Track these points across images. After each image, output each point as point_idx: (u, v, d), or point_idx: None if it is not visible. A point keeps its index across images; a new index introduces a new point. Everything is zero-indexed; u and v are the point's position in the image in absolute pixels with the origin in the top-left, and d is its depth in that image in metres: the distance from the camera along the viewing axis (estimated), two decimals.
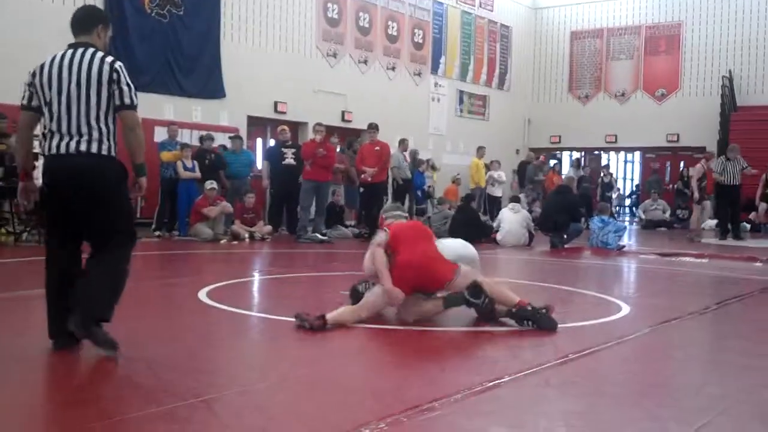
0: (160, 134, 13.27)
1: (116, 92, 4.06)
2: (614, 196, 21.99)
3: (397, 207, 6.12)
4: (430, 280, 5.29)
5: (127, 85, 4.09)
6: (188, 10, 14.44)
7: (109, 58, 4.11)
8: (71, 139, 4.05)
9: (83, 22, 4.26)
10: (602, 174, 21.50)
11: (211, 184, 12.06)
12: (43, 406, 3.38)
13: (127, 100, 4.09)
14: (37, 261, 4.68)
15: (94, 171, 4.07)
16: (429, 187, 17.62)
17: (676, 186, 20.78)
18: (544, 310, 5.10)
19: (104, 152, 4.08)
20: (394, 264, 5.25)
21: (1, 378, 3.70)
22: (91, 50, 4.12)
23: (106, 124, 4.08)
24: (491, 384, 3.74)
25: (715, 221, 19.26)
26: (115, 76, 4.06)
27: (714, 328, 6.03)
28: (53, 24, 12.22)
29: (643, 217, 19.44)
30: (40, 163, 10.12)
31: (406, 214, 6.04)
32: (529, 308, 5.08)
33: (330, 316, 4.92)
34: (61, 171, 4.07)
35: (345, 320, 5.02)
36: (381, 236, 5.49)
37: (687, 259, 11.12)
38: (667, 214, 19.28)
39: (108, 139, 4.09)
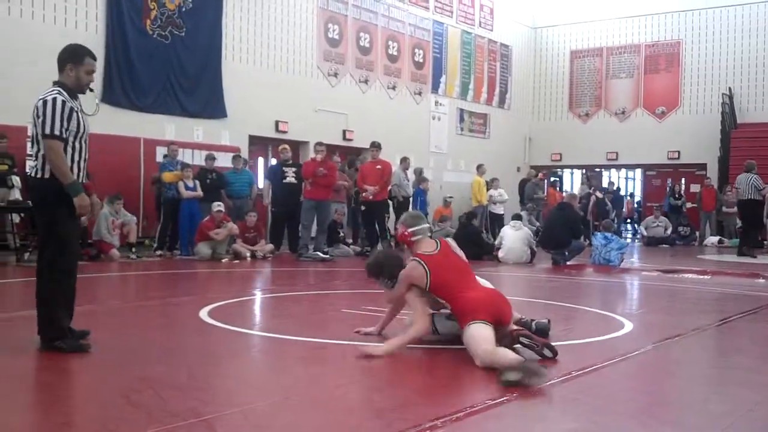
0: (162, 154, 13.32)
1: (39, 124, 4.60)
2: (615, 213, 21.95)
3: (420, 218, 5.30)
4: (504, 310, 4.79)
5: (44, 116, 4.55)
6: (190, 31, 14.53)
7: (44, 95, 4.64)
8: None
9: (58, 62, 4.86)
10: (604, 193, 21.54)
11: (218, 207, 12.08)
12: (43, 427, 3.36)
13: (43, 130, 4.57)
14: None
15: (31, 191, 4.90)
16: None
17: (668, 203, 20.80)
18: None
19: (38, 175, 4.67)
20: (466, 301, 4.71)
21: (1, 398, 3.68)
22: (51, 91, 4.67)
23: (39, 151, 4.67)
24: (494, 402, 3.72)
25: (716, 238, 19.29)
26: (37, 112, 4.60)
27: (717, 345, 6.01)
28: (53, 45, 12.33)
29: (645, 233, 19.42)
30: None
31: (429, 226, 5.32)
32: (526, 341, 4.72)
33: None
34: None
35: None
36: (414, 273, 4.91)
37: (689, 275, 11.10)
38: (668, 231, 19.26)
39: (41, 164, 4.65)
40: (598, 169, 24.75)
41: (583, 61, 23.90)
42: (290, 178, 13.08)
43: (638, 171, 25.34)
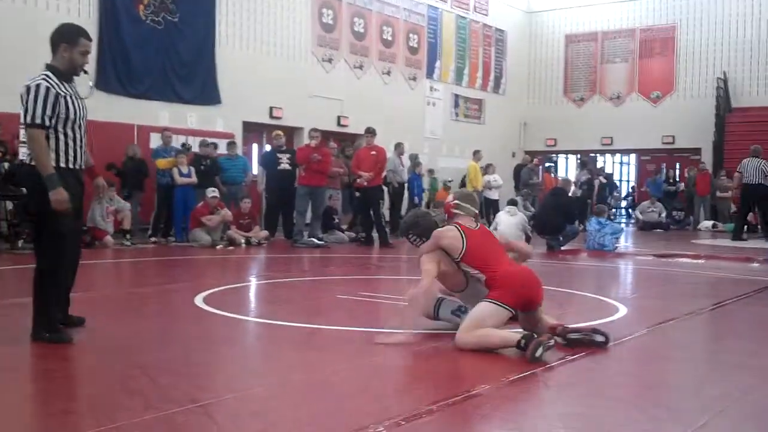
0: (156, 140, 13.27)
1: (21, 112, 4.51)
2: (612, 198, 21.98)
3: (472, 198, 5.24)
4: (534, 292, 4.70)
5: (26, 103, 4.44)
6: (183, 16, 14.44)
7: (29, 81, 4.51)
8: None
9: (51, 43, 4.71)
10: (600, 177, 21.55)
11: (212, 192, 12.05)
12: (40, 414, 3.36)
13: (25, 119, 4.48)
14: (31, 268, 4.66)
15: (22, 178, 4.86)
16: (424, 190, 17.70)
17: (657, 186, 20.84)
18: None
19: (32, 162, 4.53)
20: (500, 274, 4.66)
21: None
22: (36, 76, 4.54)
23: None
24: (489, 387, 3.73)
25: (711, 222, 19.34)
26: (21, 99, 4.50)
27: (711, 329, 6.04)
28: (46, 31, 12.25)
29: (640, 218, 19.41)
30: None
31: (477, 209, 5.37)
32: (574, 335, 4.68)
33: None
34: None
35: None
36: (448, 234, 4.87)
37: (684, 260, 11.13)
38: (663, 216, 19.30)
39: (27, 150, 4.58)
40: (592, 154, 24.74)
41: (577, 45, 23.85)
42: (284, 165, 13.05)
43: (633, 156, 25.37)
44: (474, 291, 4.90)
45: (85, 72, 4.79)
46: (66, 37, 4.67)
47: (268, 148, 15.51)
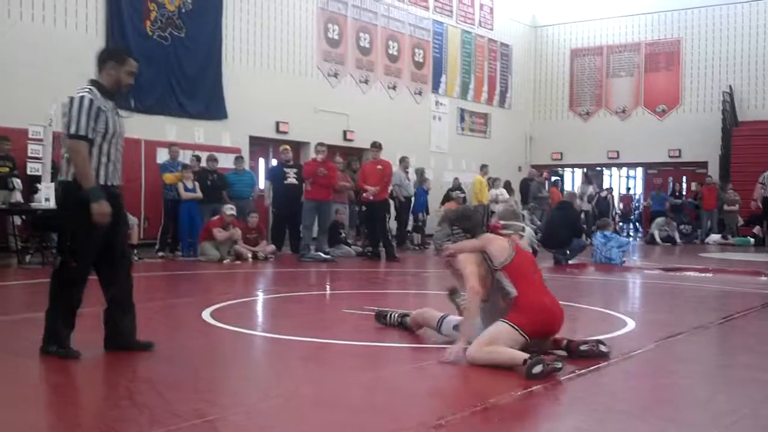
0: (163, 156, 13.32)
1: (65, 123, 4.52)
2: (616, 212, 21.93)
3: (516, 215, 5.28)
4: (553, 328, 4.71)
5: (69, 114, 4.43)
6: (190, 32, 14.53)
7: (73, 94, 4.51)
8: None
9: (96, 62, 4.74)
10: (602, 192, 21.59)
11: (231, 210, 12.08)
12: (47, 428, 3.36)
13: (68, 130, 4.46)
14: (39, 284, 4.68)
15: (56, 195, 4.76)
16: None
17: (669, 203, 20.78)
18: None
19: (61, 177, 4.60)
20: (528, 300, 4.61)
21: (4, 399, 3.68)
22: (81, 89, 4.55)
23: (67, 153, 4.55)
24: (498, 401, 3.71)
25: (718, 236, 19.27)
26: (65, 109, 4.52)
27: (720, 343, 6.00)
28: (53, 47, 12.35)
29: (655, 234, 19.08)
30: (43, 186, 10.21)
31: (524, 227, 5.32)
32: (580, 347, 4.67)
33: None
34: None
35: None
36: (497, 242, 4.83)
37: (691, 273, 11.08)
38: (676, 233, 19.18)
39: (66, 167, 4.55)
40: (599, 168, 24.75)
41: (583, 59, 23.90)
42: (291, 179, 13.07)
43: (639, 170, 25.33)
44: (492, 307, 4.85)
45: (128, 93, 4.85)
46: (115, 55, 4.75)
47: (274, 162, 15.55)
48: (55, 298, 4.52)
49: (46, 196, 10.25)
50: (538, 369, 4.08)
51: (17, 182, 10.61)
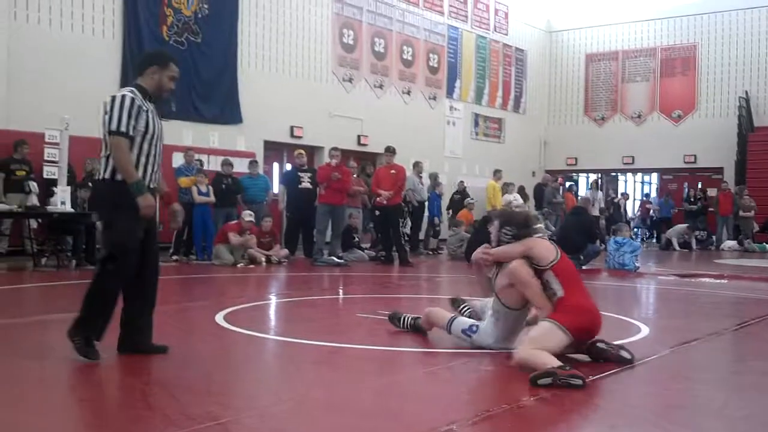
0: (178, 160, 13.39)
1: (106, 120, 4.47)
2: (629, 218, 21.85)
3: (536, 219, 5.24)
4: (595, 329, 4.73)
5: (111, 111, 4.44)
6: (206, 37, 14.62)
7: (114, 94, 4.53)
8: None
9: (138, 66, 4.82)
10: (614, 197, 21.55)
11: (249, 216, 12.13)
12: (60, 429, 3.38)
13: (109, 127, 4.45)
14: (55, 286, 4.71)
15: (93, 194, 4.75)
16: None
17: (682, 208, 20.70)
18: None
19: (98, 177, 4.61)
20: (574, 301, 4.66)
21: (20, 401, 3.71)
22: (123, 89, 4.59)
23: (105, 153, 4.54)
24: (510, 407, 3.71)
25: (734, 242, 19.13)
26: (105, 107, 4.48)
27: (734, 350, 5.96)
28: (70, 52, 12.45)
29: (674, 241, 18.94)
30: (59, 189, 10.28)
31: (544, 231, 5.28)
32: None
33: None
34: None
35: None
36: (544, 244, 4.83)
37: (706, 280, 11.02)
38: (693, 241, 19.06)
39: (104, 166, 4.54)
40: (614, 174, 24.66)
41: (598, 64, 23.83)
42: (305, 183, 13.12)
43: (654, 175, 25.21)
44: (521, 315, 4.88)
45: (168, 99, 4.90)
46: (157, 59, 4.75)
47: (288, 167, 15.59)
48: (95, 293, 4.49)
49: (62, 200, 10.34)
50: (545, 381, 4.01)
51: (34, 185, 10.70)
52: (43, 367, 4.45)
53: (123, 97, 4.46)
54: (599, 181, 22.49)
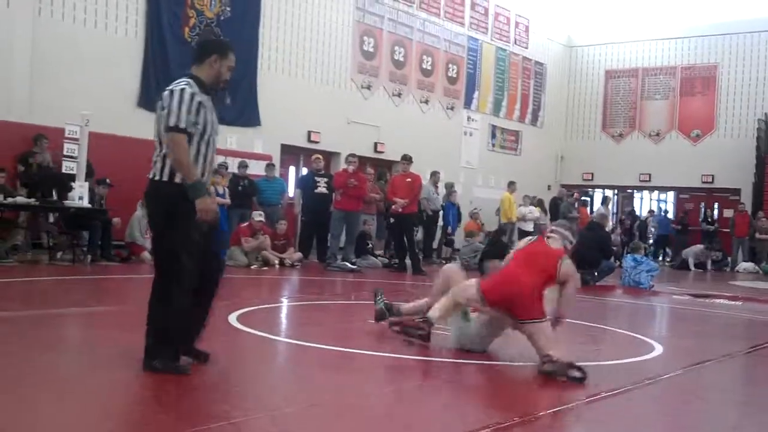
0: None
1: (164, 116, 4.15)
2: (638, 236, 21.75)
3: (569, 228, 5.52)
4: (513, 298, 5.14)
5: (170, 107, 4.13)
6: (228, 39, 14.67)
7: (172, 86, 4.21)
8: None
9: (195, 54, 4.47)
10: (625, 217, 21.52)
11: (259, 216, 12.18)
12: (75, 425, 3.40)
13: (167, 122, 4.14)
14: (70, 281, 4.74)
15: (147, 197, 4.29)
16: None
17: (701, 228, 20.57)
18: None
19: (155, 177, 4.20)
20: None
21: (32, 400, 3.72)
22: (179, 82, 4.25)
23: (160, 152, 4.20)
24: (520, 420, 3.69)
25: (750, 264, 18.98)
26: (163, 102, 4.19)
27: (748, 372, 5.92)
28: (93, 49, 12.55)
29: (690, 261, 18.81)
30: (77, 184, 10.32)
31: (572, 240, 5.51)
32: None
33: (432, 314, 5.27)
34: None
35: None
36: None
37: (720, 301, 10.94)
38: (709, 261, 18.94)
39: (160, 166, 4.19)
40: (630, 191, 24.56)
41: (618, 81, 23.77)
42: (321, 188, 13.15)
43: (671, 194, 25.09)
44: (503, 318, 5.17)
45: (224, 90, 4.61)
46: (219, 48, 4.50)
47: (304, 171, 15.63)
48: (160, 308, 4.15)
49: (80, 195, 10.40)
50: (549, 368, 4.53)
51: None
52: (54, 362, 4.46)
53: (182, 91, 4.16)
54: (610, 197, 22.41)
